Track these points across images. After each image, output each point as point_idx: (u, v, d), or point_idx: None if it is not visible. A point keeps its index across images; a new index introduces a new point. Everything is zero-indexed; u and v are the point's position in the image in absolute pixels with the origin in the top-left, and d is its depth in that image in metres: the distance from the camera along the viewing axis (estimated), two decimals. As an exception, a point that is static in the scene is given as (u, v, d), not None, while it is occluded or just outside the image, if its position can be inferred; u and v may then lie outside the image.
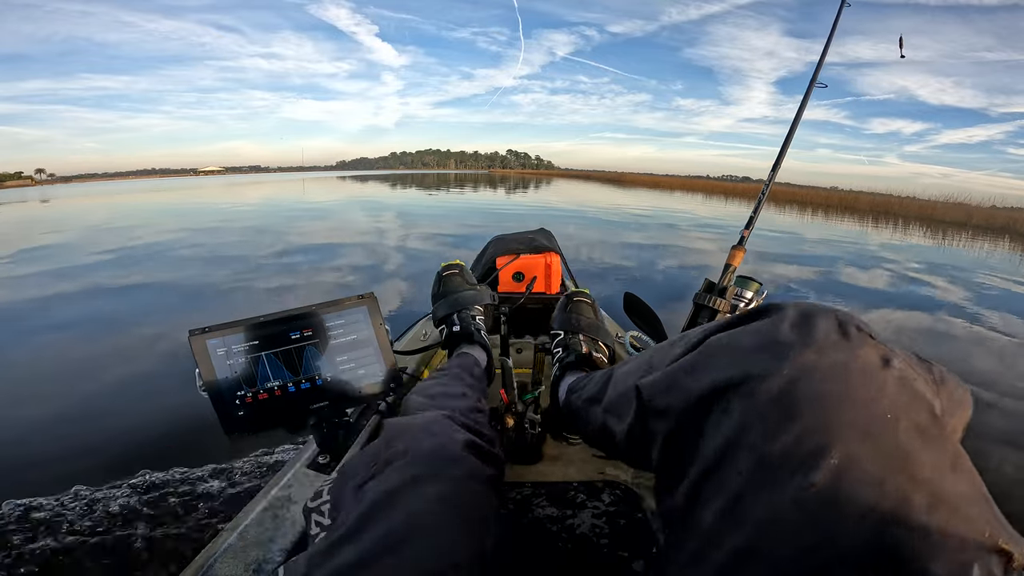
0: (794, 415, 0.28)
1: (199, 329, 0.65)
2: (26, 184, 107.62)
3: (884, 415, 0.27)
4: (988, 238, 10.19)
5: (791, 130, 0.86)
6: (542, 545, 0.67)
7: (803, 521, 0.26)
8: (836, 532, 0.25)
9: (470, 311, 0.91)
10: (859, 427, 0.27)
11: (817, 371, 0.29)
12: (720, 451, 0.30)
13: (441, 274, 0.99)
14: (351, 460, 0.51)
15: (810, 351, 0.30)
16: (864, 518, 0.24)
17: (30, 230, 7.60)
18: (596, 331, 0.84)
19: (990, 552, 0.24)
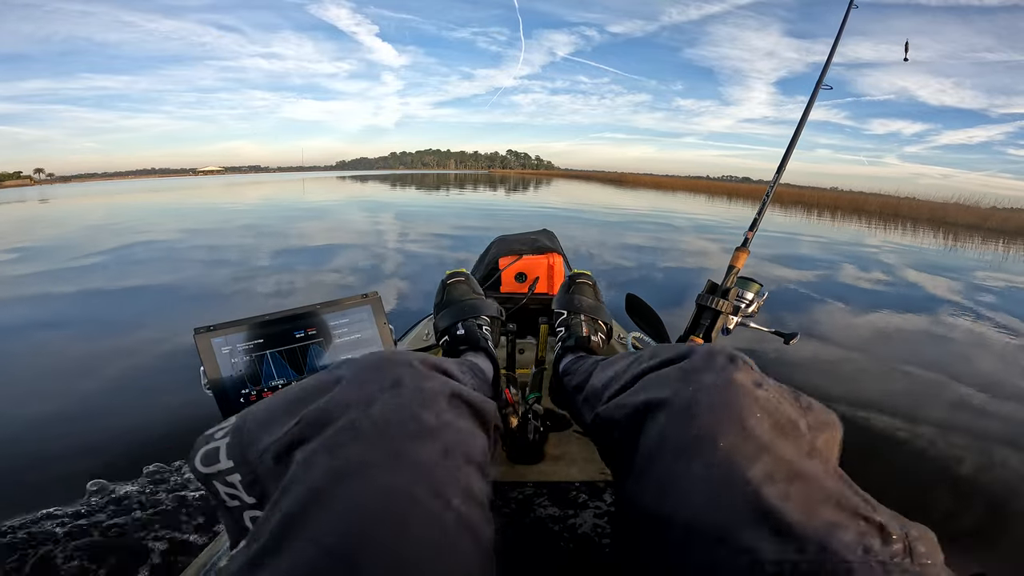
0: (698, 416, 0.38)
1: (204, 327, 0.65)
2: (25, 184, 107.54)
3: (756, 416, 0.37)
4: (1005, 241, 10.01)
5: (796, 132, 0.86)
6: (544, 545, 0.67)
7: (707, 493, 0.35)
8: (729, 500, 0.33)
9: (476, 320, 0.85)
10: (738, 424, 0.37)
11: (713, 387, 0.40)
12: (653, 446, 0.40)
13: (445, 282, 0.94)
14: (261, 407, 0.40)
15: (709, 375, 0.41)
16: (747, 486, 0.33)
17: (29, 230, 7.58)
18: (596, 311, 0.91)
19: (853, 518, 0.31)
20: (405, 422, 0.35)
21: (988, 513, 1.32)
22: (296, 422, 0.36)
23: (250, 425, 0.39)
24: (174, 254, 4.78)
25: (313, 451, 0.34)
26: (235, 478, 0.38)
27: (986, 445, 1.68)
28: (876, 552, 0.29)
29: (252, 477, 0.38)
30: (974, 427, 1.80)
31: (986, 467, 1.54)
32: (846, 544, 0.29)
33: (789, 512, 0.31)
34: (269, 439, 0.37)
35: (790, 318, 3.11)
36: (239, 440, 0.39)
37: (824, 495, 0.32)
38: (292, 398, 0.39)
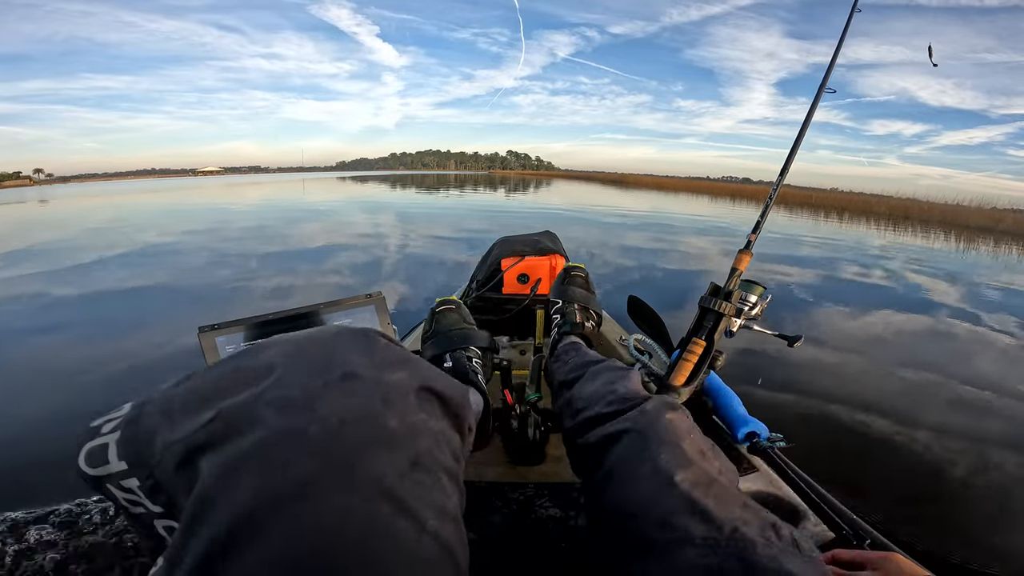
0: (649, 440, 0.51)
1: (208, 326, 0.65)
2: (24, 184, 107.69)
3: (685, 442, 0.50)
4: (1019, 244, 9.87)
5: (800, 134, 0.86)
6: (545, 545, 0.67)
7: (654, 490, 0.46)
8: (669, 494, 0.44)
9: (465, 352, 0.79)
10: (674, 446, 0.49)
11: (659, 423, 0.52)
12: (617, 460, 0.52)
13: (434, 311, 0.88)
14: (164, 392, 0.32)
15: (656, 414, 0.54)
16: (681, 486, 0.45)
17: (28, 232, 7.59)
18: (587, 301, 1.00)
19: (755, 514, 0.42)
20: (362, 426, 0.28)
21: (986, 513, 1.32)
22: (211, 418, 0.28)
23: (149, 416, 0.31)
24: (175, 254, 4.79)
25: (236, 461, 0.26)
26: (132, 483, 0.30)
27: (987, 447, 1.68)
28: (772, 539, 0.40)
29: (152, 483, 0.30)
30: (977, 429, 1.80)
31: (984, 468, 1.54)
32: (752, 529, 0.40)
33: (710, 505, 0.42)
34: (172, 436, 0.28)
35: (794, 320, 3.11)
36: (134, 435, 0.30)
37: (733, 499, 0.44)
38: (209, 384, 0.31)
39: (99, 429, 0.32)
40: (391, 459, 0.28)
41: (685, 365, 0.79)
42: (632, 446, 0.51)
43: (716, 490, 0.44)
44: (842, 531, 0.63)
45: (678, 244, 6.33)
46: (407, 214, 9.29)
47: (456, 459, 0.34)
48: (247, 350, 0.33)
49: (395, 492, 0.27)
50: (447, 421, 0.35)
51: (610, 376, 0.66)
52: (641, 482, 0.47)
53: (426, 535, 0.27)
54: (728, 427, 0.84)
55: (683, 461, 0.47)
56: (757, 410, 0.84)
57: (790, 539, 0.40)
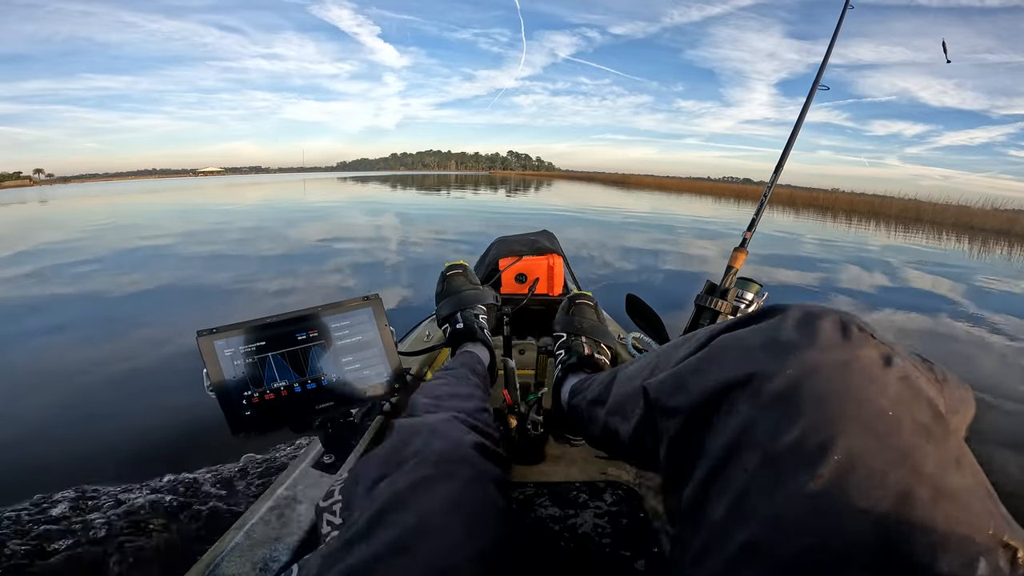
0: (798, 413, 0.29)
1: (207, 330, 0.65)
2: (24, 184, 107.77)
3: (886, 412, 0.28)
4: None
5: (794, 132, 0.86)
6: (545, 545, 0.67)
7: (808, 517, 0.26)
8: (840, 527, 0.25)
9: (473, 310, 0.92)
10: (861, 424, 0.27)
11: (820, 370, 0.29)
12: (727, 448, 0.31)
13: (445, 274, 1.01)
14: (364, 460, 0.52)
15: (813, 350, 0.30)
16: (867, 513, 0.25)
17: (27, 233, 7.59)
18: (598, 333, 0.84)
19: (995, 547, 0.25)
20: (451, 454, 0.48)
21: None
22: (386, 465, 0.48)
23: (358, 473, 0.50)
24: (174, 256, 4.78)
25: (394, 479, 0.45)
26: (337, 507, 0.47)
27: (988, 448, 1.68)
28: None
29: (347, 504, 0.47)
30: (977, 428, 1.80)
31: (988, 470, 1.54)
32: None
33: (928, 548, 0.24)
34: (367, 480, 0.48)
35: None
36: (353, 483, 0.49)
37: (974, 521, 0.25)
38: (385, 452, 0.51)
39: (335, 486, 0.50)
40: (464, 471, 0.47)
41: (681, 364, 0.79)
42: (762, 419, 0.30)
43: (943, 511, 0.25)
44: None
45: (678, 244, 6.33)
46: (406, 215, 9.29)
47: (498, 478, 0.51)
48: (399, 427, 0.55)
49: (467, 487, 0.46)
50: (490, 460, 0.52)
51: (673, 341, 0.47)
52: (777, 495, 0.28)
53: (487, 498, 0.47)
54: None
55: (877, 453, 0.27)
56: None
57: None
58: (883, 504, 0.25)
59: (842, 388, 0.29)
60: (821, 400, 0.28)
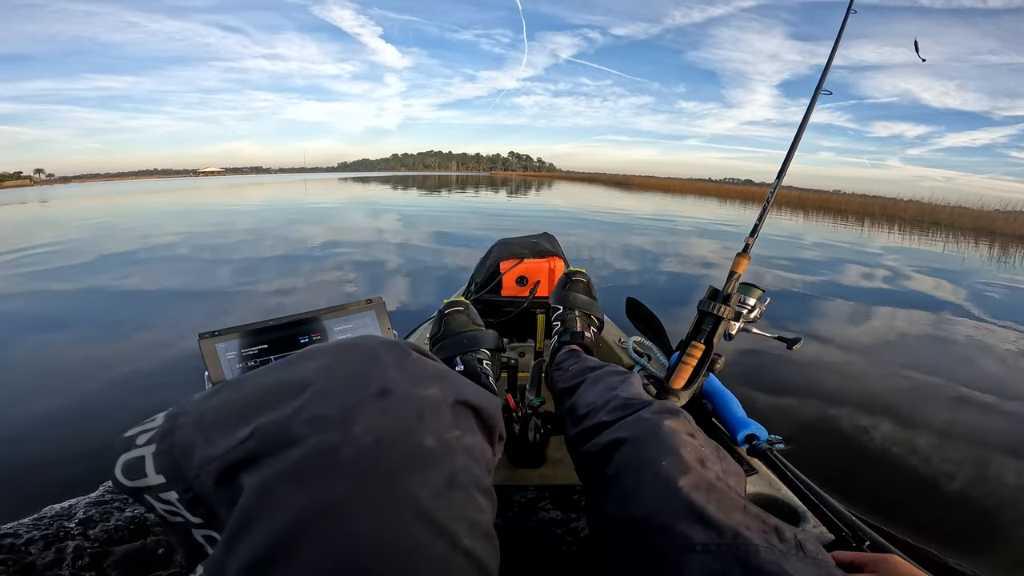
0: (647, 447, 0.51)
1: (209, 332, 0.65)
2: (25, 184, 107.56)
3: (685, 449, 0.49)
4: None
5: (796, 137, 0.86)
6: (547, 548, 0.67)
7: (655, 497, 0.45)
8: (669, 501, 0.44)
9: (476, 354, 0.82)
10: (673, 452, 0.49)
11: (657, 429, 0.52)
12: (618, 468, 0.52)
13: (443, 312, 0.89)
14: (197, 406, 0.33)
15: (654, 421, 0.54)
16: (679, 492, 0.44)
17: (25, 234, 7.56)
18: (589, 307, 0.99)
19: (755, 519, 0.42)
20: (397, 446, 0.28)
21: (986, 514, 1.33)
22: (248, 435, 0.28)
23: (183, 428, 0.31)
24: (174, 257, 4.78)
25: (274, 480, 0.27)
26: (171, 495, 0.31)
27: (986, 450, 1.68)
28: (775, 543, 0.39)
29: (191, 496, 0.30)
30: (977, 432, 1.80)
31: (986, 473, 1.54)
32: (753, 534, 0.40)
33: (710, 511, 0.42)
34: (209, 452, 0.29)
35: (794, 324, 3.11)
36: (169, 449, 0.31)
37: (733, 505, 0.44)
38: (243, 398, 0.31)
39: (134, 440, 0.32)
40: (426, 478, 0.28)
41: (684, 368, 0.80)
42: (633, 453, 0.51)
43: (716, 496, 0.44)
44: (841, 533, 0.63)
45: (679, 246, 6.33)
46: (407, 216, 9.28)
47: (489, 471, 0.35)
48: (281, 363, 0.33)
49: (430, 512, 0.27)
50: (481, 434, 0.36)
51: (611, 381, 0.67)
52: (642, 489, 0.47)
53: (459, 553, 0.27)
54: (727, 430, 0.84)
55: (682, 468, 0.46)
56: (756, 412, 0.84)
57: (794, 542, 0.40)
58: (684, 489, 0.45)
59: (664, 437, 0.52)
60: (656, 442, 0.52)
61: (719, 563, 0.38)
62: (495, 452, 0.39)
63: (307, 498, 0.26)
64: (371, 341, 0.34)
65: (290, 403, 0.29)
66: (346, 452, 0.27)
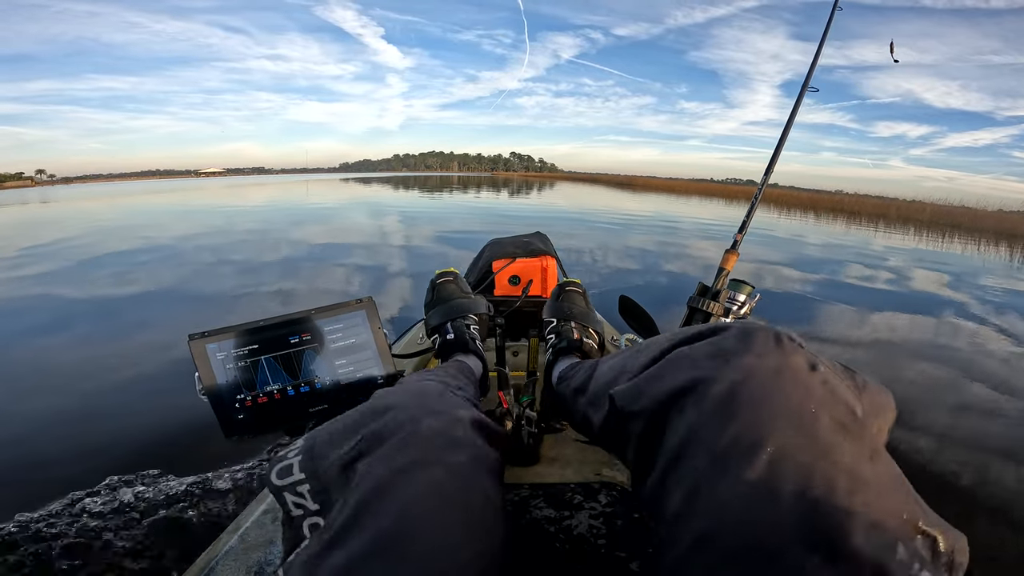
0: (736, 412, 0.33)
1: (199, 333, 0.65)
2: (25, 185, 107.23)
3: (811, 411, 0.32)
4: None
5: (783, 135, 0.87)
6: (540, 546, 0.67)
7: (747, 506, 0.30)
8: (776, 514, 0.29)
9: (464, 320, 0.88)
10: (790, 421, 0.32)
11: (754, 374, 0.34)
12: (679, 446, 0.35)
13: (435, 282, 0.96)
14: (325, 429, 0.46)
15: (749, 357, 0.35)
16: (798, 501, 0.29)
17: (23, 235, 7.54)
18: (586, 319, 0.90)
19: (912, 532, 0.28)
20: (444, 436, 0.43)
21: (981, 514, 1.33)
22: (359, 439, 0.42)
23: (319, 444, 0.45)
24: (168, 259, 4.77)
25: (375, 460, 0.40)
26: (304, 488, 0.42)
27: (985, 451, 1.68)
28: (927, 570, 0.27)
29: (319, 486, 0.42)
30: (973, 432, 1.80)
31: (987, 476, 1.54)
32: (900, 563, 0.27)
33: (849, 530, 0.27)
34: (336, 454, 0.42)
35: (792, 323, 3.12)
36: (310, 456, 0.44)
37: (888, 507, 0.29)
38: (352, 421, 0.46)
39: (286, 455, 0.45)
40: (460, 456, 0.42)
41: (675, 365, 0.80)
42: (707, 420, 0.34)
43: (861, 499, 0.28)
44: None
45: (682, 247, 6.33)
46: (404, 216, 9.27)
47: (498, 468, 0.47)
48: (376, 396, 0.49)
49: (461, 475, 0.41)
50: (490, 443, 0.48)
51: (650, 340, 0.50)
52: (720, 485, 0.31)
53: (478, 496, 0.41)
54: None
55: (804, 449, 0.30)
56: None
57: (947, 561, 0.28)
58: (810, 492, 0.29)
59: (773, 390, 0.33)
60: (755, 401, 0.33)
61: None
62: (501, 461, 0.51)
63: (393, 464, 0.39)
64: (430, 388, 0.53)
65: (382, 418, 0.44)
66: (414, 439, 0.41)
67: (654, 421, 0.39)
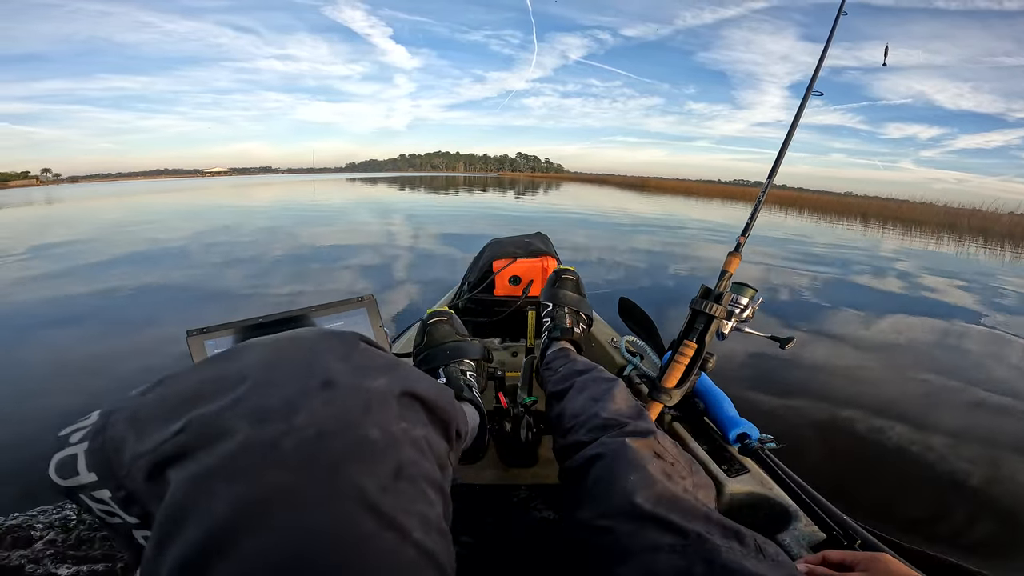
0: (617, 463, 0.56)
1: (197, 330, 0.65)
2: (31, 184, 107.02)
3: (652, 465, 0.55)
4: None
5: (787, 138, 0.87)
6: (539, 547, 0.67)
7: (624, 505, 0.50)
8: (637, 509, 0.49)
9: (459, 365, 0.80)
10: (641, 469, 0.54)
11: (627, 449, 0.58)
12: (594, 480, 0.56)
13: (426, 322, 0.87)
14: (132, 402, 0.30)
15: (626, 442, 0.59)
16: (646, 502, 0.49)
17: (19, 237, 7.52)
18: (578, 304, 1.01)
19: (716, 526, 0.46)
20: (341, 437, 0.27)
21: (977, 513, 1.32)
22: (180, 428, 0.27)
23: (116, 425, 0.29)
24: (166, 258, 4.77)
25: (205, 474, 0.25)
26: (104, 494, 0.29)
27: (985, 450, 1.67)
28: (734, 546, 0.43)
29: (124, 494, 0.29)
30: (969, 432, 1.80)
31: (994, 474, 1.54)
32: (715, 537, 0.44)
33: (675, 518, 0.46)
34: (140, 447, 0.28)
35: (790, 322, 3.11)
36: (101, 446, 0.29)
37: (696, 513, 0.48)
38: (179, 392, 0.30)
39: (67, 439, 0.30)
40: (372, 470, 0.27)
41: (676, 367, 0.80)
42: (606, 469, 0.57)
43: (682, 505, 0.49)
44: (832, 532, 0.63)
45: (685, 248, 6.33)
46: (407, 216, 9.28)
47: (442, 467, 0.33)
48: (221, 354, 0.32)
49: (376, 503, 0.26)
50: (433, 427, 0.34)
51: (596, 390, 0.71)
52: (615, 498, 0.52)
53: (409, 546, 0.26)
54: (719, 428, 0.84)
55: (648, 482, 0.52)
56: (747, 411, 0.84)
57: (754, 545, 0.44)
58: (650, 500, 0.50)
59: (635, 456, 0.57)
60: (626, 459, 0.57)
61: (684, 561, 0.43)
62: (453, 447, 0.37)
63: (243, 491, 0.24)
64: (314, 332, 0.34)
65: (227, 396, 0.28)
66: (287, 444, 0.26)
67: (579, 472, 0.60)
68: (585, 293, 1.06)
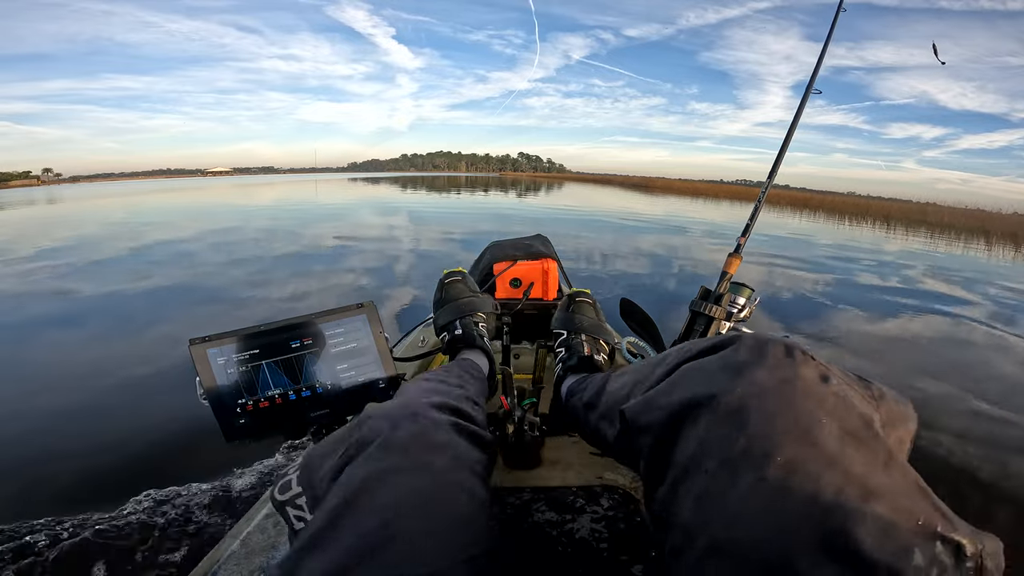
0: (746, 424, 0.34)
1: (199, 338, 0.66)
2: (32, 184, 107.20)
3: (820, 422, 0.33)
4: None
5: (787, 138, 0.86)
6: (542, 550, 0.67)
7: (759, 514, 0.30)
8: (786, 523, 0.29)
9: (472, 318, 0.91)
10: (799, 432, 0.32)
11: (765, 386, 0.35)
12: (690, 457, 0.36)
13: (443, 281, 0.98)
14: (321, 443, 0.49)
15: (760, 370, 0.36)
16: (809, 509, 0.29)
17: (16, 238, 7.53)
18: (598, 331, 0.87)
19: (930, 539, 0.28)
20: (422, 439, 0.45)
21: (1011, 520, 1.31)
22: (345, 449, 0.45)
23: (313, 458, 0.47)
24: (166, 261, 4.77)
25: (357, 465, 0.43)
26: (302, 500, 0.45)
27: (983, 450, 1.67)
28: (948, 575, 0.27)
29: (314, 496, 0.45)
30: (965, 431, 1.79)
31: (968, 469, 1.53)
32: (917, 568, 0.26)
33: (859, 537, 0.27)
34: (327, 465, 0.45)
35: (790, 322, 3.11)
36: (307, 470, 0.46)
37: (901, 514, 0.28)
38: (341, 434, 0.49)
39: (286, 472, 0.48)
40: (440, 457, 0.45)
41: (677, 369, 0.79)
42: (718, 431, 0.35)
43: (873, 507, 0.28)
44: None
45: (687, 249, 6.31)
46: (409, 216, 9.28)
47: (483, 468, 0.49)
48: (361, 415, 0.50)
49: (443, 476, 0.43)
50: (472, 443, 0.50)
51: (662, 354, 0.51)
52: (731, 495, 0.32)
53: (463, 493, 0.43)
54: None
55: (813, 459, 0.31)
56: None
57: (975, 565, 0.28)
58: (820, 503, 0.29)
59: (784, 401, 0.34)
60: (765, 413, 0.34)
61: None
62: (489, 461, 0.53)
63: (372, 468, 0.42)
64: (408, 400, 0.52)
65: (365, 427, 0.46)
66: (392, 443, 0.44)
67: (665, 433, 0.40)
68: (604, 318, 0.93)
